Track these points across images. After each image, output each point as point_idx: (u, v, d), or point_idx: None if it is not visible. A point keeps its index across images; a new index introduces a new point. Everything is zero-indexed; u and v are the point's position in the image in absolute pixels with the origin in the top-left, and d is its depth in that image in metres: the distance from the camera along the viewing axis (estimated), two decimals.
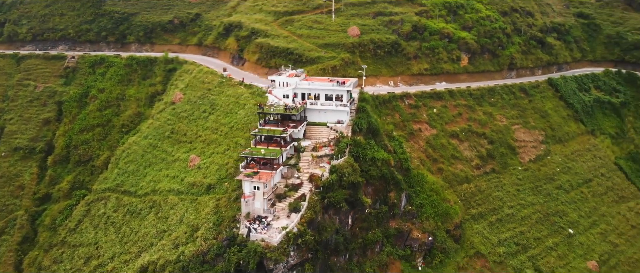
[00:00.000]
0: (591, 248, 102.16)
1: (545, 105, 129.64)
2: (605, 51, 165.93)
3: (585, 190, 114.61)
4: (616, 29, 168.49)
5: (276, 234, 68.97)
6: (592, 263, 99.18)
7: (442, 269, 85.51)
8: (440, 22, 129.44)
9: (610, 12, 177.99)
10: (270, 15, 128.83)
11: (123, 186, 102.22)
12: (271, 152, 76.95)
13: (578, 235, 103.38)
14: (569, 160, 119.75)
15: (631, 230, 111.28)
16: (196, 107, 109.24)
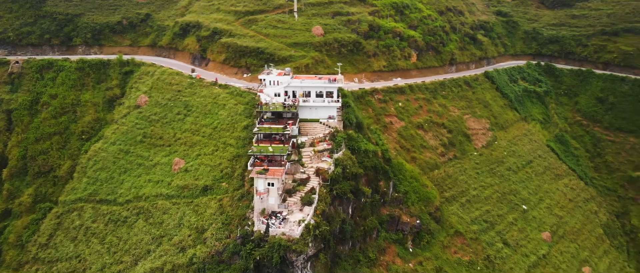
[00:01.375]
0: (543, 221, 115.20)
1: (485, 96, 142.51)
2: (524, 46, 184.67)
3: (529, 170, 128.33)
4: (532, 26, 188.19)
5: (296, 227, 71.42)
6: (546, 234, 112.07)
7: (429, 249, 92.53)
8: (390, 22, 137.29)
9: (525, 10, 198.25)
10: (231, 14, 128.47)
11: (98, 195, 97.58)
12: (279, 149, 78.89)
13: (530, 210, 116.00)
14: (512, 144, 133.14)
15: (569, 203, 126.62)
16: (168, 110, 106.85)
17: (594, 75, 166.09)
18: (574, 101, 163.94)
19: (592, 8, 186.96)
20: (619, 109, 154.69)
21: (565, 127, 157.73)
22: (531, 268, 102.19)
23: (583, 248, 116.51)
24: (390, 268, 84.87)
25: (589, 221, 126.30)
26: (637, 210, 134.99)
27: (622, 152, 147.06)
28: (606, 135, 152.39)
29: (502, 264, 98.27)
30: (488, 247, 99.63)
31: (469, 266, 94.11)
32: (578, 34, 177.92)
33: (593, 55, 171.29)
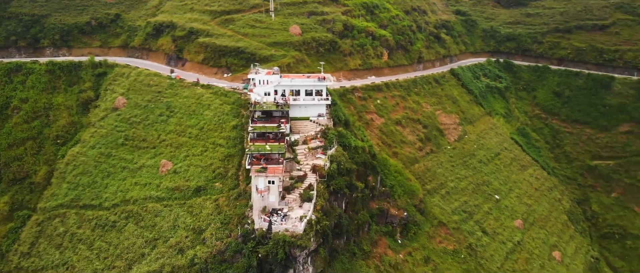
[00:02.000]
0: (514, 210, 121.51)
1: (453, 93, 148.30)
2: (483, 43, 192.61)
3: (498, 162, 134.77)
4: (490, 24, 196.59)
5: (299, 223, 72.87)
6: (518, 221, 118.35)
7: (417, 239, 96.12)
8: (362, 21, 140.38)
9: (482, 9, 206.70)
10: (206, 14, 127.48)
11: (81, 200, 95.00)
12: (276, 147, 79.93)
13: (503, 199, 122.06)
14: (481, 138, 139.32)
15: (536, 192, 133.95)
16: (149, 111, 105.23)
17: (550, 70, 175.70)
18: (533, 95, 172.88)
19: (545, 7, 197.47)
20: (575, 102, 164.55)
21: (526, 121, 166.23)
22: (509, 254, 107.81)
23: (551, 234, 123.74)
24: (383, 260, 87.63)
25: (554, 208, 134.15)
26: (596, 197, 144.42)
27: (580, 143, 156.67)
28: (564, 127, 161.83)
29: (483, 252, 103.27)
30: (469, 236, 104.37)
31: (454, 255, 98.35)
32: (533, 32, 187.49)
33: (548, 51, 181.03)
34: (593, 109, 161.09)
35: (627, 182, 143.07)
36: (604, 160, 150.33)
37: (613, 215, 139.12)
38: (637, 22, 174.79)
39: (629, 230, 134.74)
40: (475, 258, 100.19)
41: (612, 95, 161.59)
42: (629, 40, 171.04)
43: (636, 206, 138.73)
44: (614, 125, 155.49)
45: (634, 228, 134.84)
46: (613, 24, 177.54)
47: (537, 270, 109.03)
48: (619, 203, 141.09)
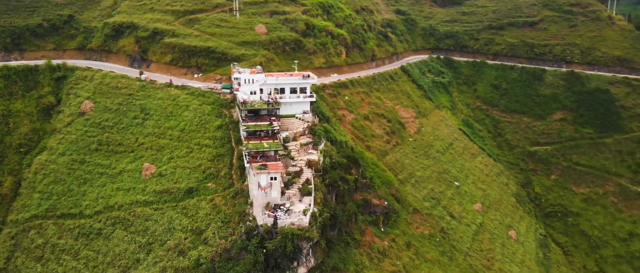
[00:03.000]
0: (473, 195, 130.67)
1: (406, 88, 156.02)
2: (423, 41, 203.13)
3: (452, 152, 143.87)
4: (428, 23, 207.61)
5: (304, 217, 75.33)
6: (477, 205, 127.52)
7: (397, 227, 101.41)
8: (321, 21, 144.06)
9: (420, 8, 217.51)
10: (169, 14, 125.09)
11: (57, 210, 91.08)
12: (273, 144, 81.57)
13: (462, 186, 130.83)
14: (435, 129, 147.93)
15: (487, 178, 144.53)
16: (122, 114, 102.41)
17: (487, 65, 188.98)
18: (473, 89, 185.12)
19: (479, 5, 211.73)
20: (511, 93, 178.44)
21: (469, 112, 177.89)
22: (474, 235, 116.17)
23: (505, 215, 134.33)
24: (372, 248, 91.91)
25: (503, 192, 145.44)
26: (537, 180, 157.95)
27: (519, 131, 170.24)
28: (503, 117, 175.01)
29: (454, 234, 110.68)
30: (440, 220, 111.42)
31: (430, 238, 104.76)
32: (469, 29, 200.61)
33: (484, 47, 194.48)
34: (529, 100, 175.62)
35: (564, 165, 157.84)
36: (542, 146, 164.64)
37: (554, 196, 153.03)
38: (563, 18, 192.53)
39: (569, 209, 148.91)
40: (449, 241, 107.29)
41: (544, 86, 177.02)
42: (556, 35, 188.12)
43: (574, 186, 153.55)
44: (548, 114, 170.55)
45: (573, 207, 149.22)
46: (541, 21, 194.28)
47: (499, 248, 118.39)
48: (559, 185, 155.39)
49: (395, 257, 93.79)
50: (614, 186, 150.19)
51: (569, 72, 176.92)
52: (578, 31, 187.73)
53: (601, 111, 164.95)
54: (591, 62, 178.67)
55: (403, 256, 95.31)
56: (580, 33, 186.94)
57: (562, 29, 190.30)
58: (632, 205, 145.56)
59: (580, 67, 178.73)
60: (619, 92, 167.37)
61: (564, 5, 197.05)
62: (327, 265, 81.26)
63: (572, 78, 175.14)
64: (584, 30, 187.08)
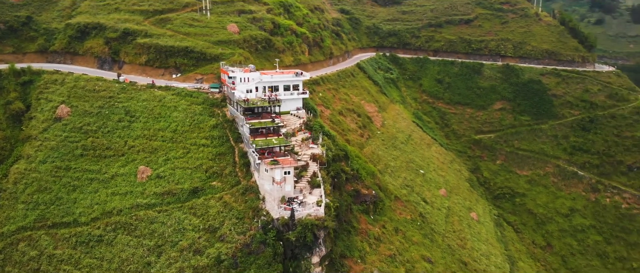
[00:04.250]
0: (437, 181, 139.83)
1: (365, 84, 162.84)
2: (368, 39, 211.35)
3: (412, 143, 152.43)
4: (372, 22, 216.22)
5: (319, 208, 78.59)
6: (442, 191, 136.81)
7: (384, 214, 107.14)
8: (285, 20, 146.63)
9: (363, 8, 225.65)
10: (137, 14, 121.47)
11: (47, 220, 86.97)
12: (281, 141, 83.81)
13: (427, 173, 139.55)
14: (395, 122, 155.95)
15: (443, 165, 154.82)
16: (105, 118, 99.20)
17: (430, 61, 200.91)
18: (419, 84, 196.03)
19: (417, 5, 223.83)
20: (454, 86, 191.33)
21: (417, 106, 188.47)
22: (446, 218, 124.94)
23: (465, 199, 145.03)
24: (369, 234, 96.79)
25: (458, 178, 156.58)
26: (485, 165, 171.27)
27: (464, 121, 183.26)
28: (449, 109, 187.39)
29: (430, 218, 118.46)
30: (417, 206, 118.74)
31: (412, 223, 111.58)
32: (410, 28, 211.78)
33: (425, 44, 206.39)
34: (470, 92, 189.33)
35: (507, 151, 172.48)
36: (486, 134, 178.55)
37: (501, 179, 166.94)
38: (495, 15, 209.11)
39: (515, 190, 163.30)
40: (428, 224, 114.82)
41: (483, 79, 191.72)
42: (490, 32, 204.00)
43: (517, 169, 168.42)
44: (488, 104, 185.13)
45: (518, 188, 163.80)
46: (475, 18, 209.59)
47: (467, 229, 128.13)
48: (504, 169, 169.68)
49: (388, 242, 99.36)
50: (552, 167, 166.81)
51: (504, 65, 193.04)
52: (509, 27, 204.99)
53: (536, 100, 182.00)
54: (523, 55, 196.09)
55: (394, 241, 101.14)
56: (511, 29, 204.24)
57: (495, 25, 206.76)
58: (569, 183, 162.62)
59: (514, 61, 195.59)
60: (549, 82, 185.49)
61: (495, 4, 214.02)
62: (335, 253, 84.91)
63: (507, 71, 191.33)
64: (515, 27, 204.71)
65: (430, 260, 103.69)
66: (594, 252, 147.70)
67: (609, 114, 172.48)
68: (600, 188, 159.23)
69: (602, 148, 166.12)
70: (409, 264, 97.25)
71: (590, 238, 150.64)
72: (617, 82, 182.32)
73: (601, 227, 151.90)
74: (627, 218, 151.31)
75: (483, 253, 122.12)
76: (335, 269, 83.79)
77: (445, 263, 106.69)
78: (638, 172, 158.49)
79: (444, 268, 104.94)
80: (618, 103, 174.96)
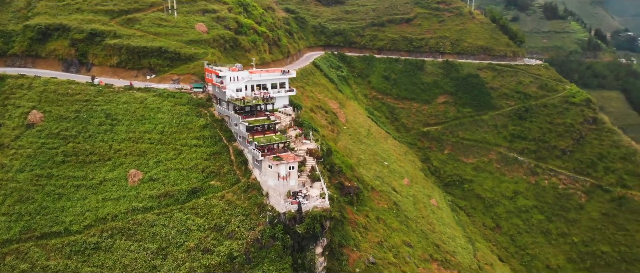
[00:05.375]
0: (399, 172, 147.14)
1: (323, 81, 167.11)
2: (315, 38, 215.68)
3: (373, 137, 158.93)
4: (317, 21, 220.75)
5: (323, 200, 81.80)
6: (406, 180, 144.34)
7: (366, 204, 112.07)
8: (245, 19, 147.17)
9: (307, 7, 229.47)
10: (102, 14, 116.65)
11: (34, 231, 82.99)
12: (282, 138, 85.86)
13: (390, 165, 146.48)
14: (355, 118, 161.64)
15: (400, 157, 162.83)
16: (84, 122, 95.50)
17: (375, 59, 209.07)
18: (367, 81, 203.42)
19: (359, 4, 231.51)
20: (400, 83, 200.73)
21: (368, 102, 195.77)
22: (414, 205, 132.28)
23: (423, 187, 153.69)
24: (357, 224, 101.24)
25: (414, 168, 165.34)
26: (434, 155, 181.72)
27: (411, 115, 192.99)
28: (397, 104, 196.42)
29: (402, 206, 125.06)
30: (390, 195, 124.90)
31: (389, 211, 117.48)
32: (355, 27, 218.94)
33: (369, 43, 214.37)
34: (415, 87, 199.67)
35: (453, 141, 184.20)
36: (432, 126, 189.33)
37: (450, 167, 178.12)
38: (433, 14, 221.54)
39: (463, 177, 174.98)
40: (402, 212, 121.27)
41: (426, 75, 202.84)
42: (429, 30, 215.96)
43: (464, 158, 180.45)
44: (433, 98, 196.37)
45: (466, 175, 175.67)
46: (415, 17, 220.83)
47: (431, 214, 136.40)
48: (451, 158, 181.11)
49: (374, 230, 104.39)
50: (495, 154, 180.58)
51: (444, 61, 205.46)
52: (446, 25, 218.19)
53: (475, 93, 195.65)
54: (460, 51, 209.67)
55: (378, 228, 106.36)
56: (448, 27, 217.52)
57: (433, 24, 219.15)
58: (511, 169, 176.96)
59: (452, 57, 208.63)
60: (486, 76, 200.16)
61: (431, 3, 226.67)
62: (334, 243, 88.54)
63: (447, 66, 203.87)
64: (451, 25, 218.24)
65: (410, 244, 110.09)
66: (538, 230, 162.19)
67: (541, 104, 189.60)
68: (538, 172, 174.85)
69: (537, 135, 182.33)
70: (394, 249, 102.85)
71: (534, 217, 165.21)
72: (546, 74, 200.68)
73: (542, 207, 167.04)
74: (564, 197, 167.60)
75: (449, 236, 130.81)
76: (336, 258, 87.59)
77: (422, 247, 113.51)
78: (571, 155, 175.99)
79: (422, 252, 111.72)
80: (548, 93, 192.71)
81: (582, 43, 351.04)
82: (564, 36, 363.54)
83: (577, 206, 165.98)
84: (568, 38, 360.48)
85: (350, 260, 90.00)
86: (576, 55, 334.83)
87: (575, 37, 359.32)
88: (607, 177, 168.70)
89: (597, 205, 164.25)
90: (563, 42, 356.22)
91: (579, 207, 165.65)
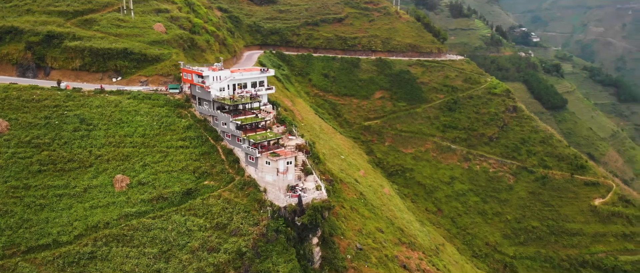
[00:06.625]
0: (354, 164, 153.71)
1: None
2: (252, 38, 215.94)
3: (325, 132, 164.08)
4: (252, 20, 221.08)
5: (320, 191, 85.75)
6: (362, 172, 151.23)
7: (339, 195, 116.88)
8: (195, 18, 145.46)
9: (239, 6, 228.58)
10: (55, 15, 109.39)
11: (20, 245, 78.24)
12: (276, 134, 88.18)
13: (346, 158, 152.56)
14: (307, 115, 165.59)
15: (350, 149, 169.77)
16: (57, 129, 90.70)
17: (313, 57, 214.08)
18: (308, 79, 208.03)
19: (292, 4, 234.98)
20: (339, 80, 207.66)
21: (311, 100, 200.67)
22: (374, 194, 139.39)
23: (375, 177, 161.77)
24: (339, 214, 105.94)
25: (363, 160, 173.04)
26: (376, 147, 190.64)
27: (352, 111, 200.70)
28: (338, 100, 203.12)
29: (367, 196, 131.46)
30: (356, 186, 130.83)
31: (359, 201, 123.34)
32: (290, 26, 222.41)
33: (306, 42, 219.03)
34: (353, 84, 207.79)
35: (392, 133, 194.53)
36: (373, 120, 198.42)
37: (391, 158, 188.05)
38: (363, 14, 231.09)
39: (405, 166, 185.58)
40: (368, 201, 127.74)
41: (362, 72, 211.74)
42: (361, 29, 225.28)
43: (403, 148, 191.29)
44: (370, 94, 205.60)
45: (407, 164, 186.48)
46: (346, 17, 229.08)
47: (388, 202, 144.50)
48: (392, 149, 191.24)
49: (351, 219, 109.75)
50: (431, 144, 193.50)
51: (377, 59, 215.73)
52: (376, 25, 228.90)
53: (408, 88, 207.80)
54: (391, 49, 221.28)
55: (355, 217, 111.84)
56: (378, 26, 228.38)
57: (363, 23, 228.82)
58: (446, 156, 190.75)
59: (384, 54, 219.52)
60: (416, 71, 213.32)
61: (361, 3, 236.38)
62: (325, 233, 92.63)
63: (381, 64, 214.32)
64: (381, 24, 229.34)
65: (382, 230, 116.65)
66: (475, 211, 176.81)
67: (467, 95, 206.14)
68: (470, 158, 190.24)
69: (466, 124, 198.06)
70: (371, 236, 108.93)
71: (470, 199, 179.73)
72: (468, 68, 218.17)
73: (477, 190, 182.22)
74: (495, 180, 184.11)
75: (407, 221, 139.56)
76: (329, 247, 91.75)
77: (391, 232, 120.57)
78: (497, 141, 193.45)
79: (392, 236, 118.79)
80: (472, 86, 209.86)
81: (486, 39, 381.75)
82: (469, 33, 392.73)
83: (507, 187, 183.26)
84: (473, 35, 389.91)
85: (341, 248, 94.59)
86: (481, 51, 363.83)
87: (480, 34, 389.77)
88: (530, 159, 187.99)
89: (524, 185, 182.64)
90: (469, 38, 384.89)
91: (508, 188, 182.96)
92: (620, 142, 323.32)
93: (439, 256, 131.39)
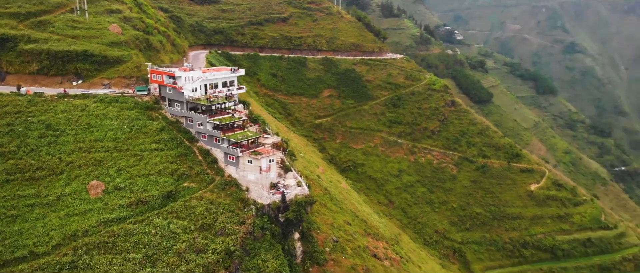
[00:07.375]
0: (313, 162, 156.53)
1: None
2: (195, 37, 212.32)
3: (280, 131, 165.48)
4: (194, 20, 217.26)
5: (302, 187, 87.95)
6: (321, 168, 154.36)
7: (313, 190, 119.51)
8: (147, 18, 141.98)
9: (180, 6, 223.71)
10: (6, 17, 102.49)
11: None
12: (255, 133, 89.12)
13: (305, 155, 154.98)
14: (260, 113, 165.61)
15: (305, 147, 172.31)
16: (21, 136, 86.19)
17: (260, 57, 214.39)
18: (256, 78, 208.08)
19: (235, 3, 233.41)
20: (287, 79, 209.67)
21: (260, 99, 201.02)
22: (335, 189, 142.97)
23: (332, 173, 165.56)
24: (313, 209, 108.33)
25: (317, 157, 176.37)
26: (328, 144, 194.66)
27: (302, 109, 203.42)
28: (287, 99, 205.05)
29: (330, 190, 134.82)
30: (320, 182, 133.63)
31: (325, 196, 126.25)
32: (234, 25, 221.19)
33: (251, 41, 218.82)
34: (301, 83, 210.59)
35: (342, 130, 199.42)
36: (323, 118, 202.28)
37: (343, 154, 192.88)
38: (306, 14, 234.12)
39: (356, 162, 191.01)
40: (333, 196, 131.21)
41: (309, 71, 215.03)
42: (305, 29, 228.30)
43: (353, 144, 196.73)
44: (319, 93, 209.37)
45: (358, 160, 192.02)
46: (290, 17, 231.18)
47: (348, 196, 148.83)
48: (343, 146, 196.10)
49: (322, 214, 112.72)
50: (379, 139, 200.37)
51: (323, 58, 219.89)
52: (320, 25, 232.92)
53: (354, 86, 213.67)
54: (335, 49, 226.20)
55: (325, 212, 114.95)
56: (321, 26, 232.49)
57: (307, 23, 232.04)
58: (394, 150, 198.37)
59: (329, 54, 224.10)
60: (361, 70, 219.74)
61: (303, 3, 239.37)
62: (304, 228, 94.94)
63: (327, 63, 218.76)
64: (324, 24, 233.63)
65: (349, 223, 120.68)
66: (423, 200, 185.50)
67: (409, 92, 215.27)
68: (415, 151, 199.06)
69: (410, 119, 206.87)
70: (342, 229, 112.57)
71: (418, 190, 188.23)
72: (408, 66, 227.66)
73: (424, 181, 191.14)
74: (439, 170, 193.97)
75: (368, 213, 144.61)
76: (308, 241, 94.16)
77: (357, 224, 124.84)
78: (439, 134, 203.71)
79: (358, 228, 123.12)
80: (413, 83, 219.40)
81: (415, 38, 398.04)
82: (400, 32, 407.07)
83: (451, 177, 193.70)
84: (403, 34, 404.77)
85: (319, 242, 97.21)
86: (412, 49, 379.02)
87: (410, 33, 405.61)
88: (470, 150, 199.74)
89: (466, 175, 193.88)
90: (400, 37, 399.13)
91: (452, 178, 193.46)
92: (542, 131, 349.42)
93: (399, 245, 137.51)
